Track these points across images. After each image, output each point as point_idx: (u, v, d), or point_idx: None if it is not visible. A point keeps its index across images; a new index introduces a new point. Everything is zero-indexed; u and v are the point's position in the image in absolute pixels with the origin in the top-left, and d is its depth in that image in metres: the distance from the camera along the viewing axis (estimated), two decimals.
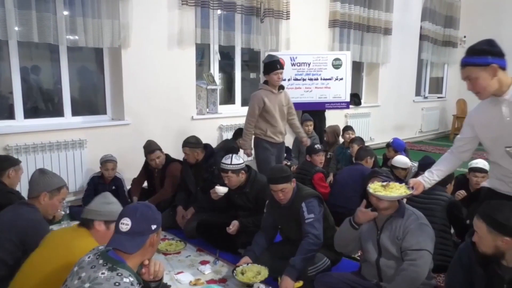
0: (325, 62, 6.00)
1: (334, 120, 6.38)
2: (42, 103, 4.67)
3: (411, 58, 8.62)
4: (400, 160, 4.19)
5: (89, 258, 1.61)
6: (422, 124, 9.29)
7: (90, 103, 5.00)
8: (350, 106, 6.76)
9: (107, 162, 4.17)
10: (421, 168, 3.38)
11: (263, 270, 2.75)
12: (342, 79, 6.08)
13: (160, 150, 4.18)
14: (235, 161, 3.22)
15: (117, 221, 1.66)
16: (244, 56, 6.11)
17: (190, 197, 3.90)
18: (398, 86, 8.35)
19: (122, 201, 4.04)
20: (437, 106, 9.69)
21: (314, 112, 5.84)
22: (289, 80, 5.80)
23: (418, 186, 2.29)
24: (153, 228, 1.67)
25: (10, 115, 4.20)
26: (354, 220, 2.36)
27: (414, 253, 2.18)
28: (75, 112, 4.58)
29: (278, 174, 2.76)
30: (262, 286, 2.63)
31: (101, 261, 1.57)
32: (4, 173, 3.04)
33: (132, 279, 1.55)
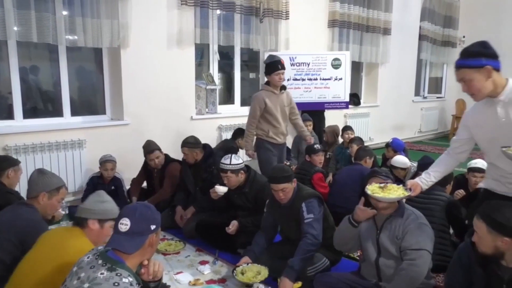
0: (324, 62, 6.00)
1: (334, 120, 6.38)
2: (41, 103, 4.67)
3: (410, 58, 8.63)
4: (399, 160, 4.19)
5: (88, 258, 1.61)
6: (421, 124, 9.30)
7: (90, 103, 5.00)
8: (350, 106, 6.75)
9: (106, 162, 4.17)
10: (420, 168, 3.38)
11: (263, 270, 2.75)
12: (341, 79, 6.08)
13: (159, 150, 4.18)
14: (234, 161, 3.22)
15: (116, 221, 1.66)
16: (243, 56, 6.11)
17: (189, 197, 3.90)
18: (397, 86, 8.36)
19: (121, 201, 4.07)
20: (436, 106, 9.71)
21: (314, 112, 5.85)
22: (288, 80, 5.79)
23: (415, 188, 2.30)
24: (152, 228, 1.67)
25: (9, 115, 4.20)
26: (353, 217, 2.37)
27: (414, 252, 2.19)
28: (74, 112, 4.58)
29: (280, 174, 2.76)
30: (262, 286, 2.63)
31: (100, 261, 1.57)
32: (3, 173, 3.04)
33: (131, 279, 1.55)
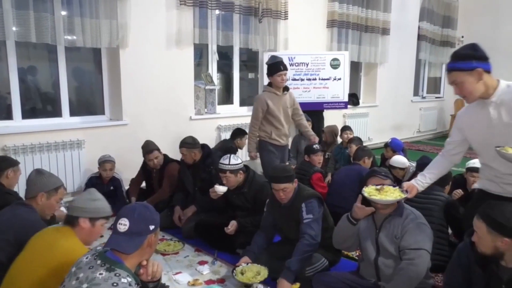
0: (323, 62, 6.01)
1: (332, 120, 6.38)
2: (40, 104, 4.66)
3: (409, 58, 8.64)
4: (398, 160, 4.19)
5: (87, 258, 1.61)
6: (420, 124, 9.31)
7: (88, 103, 4.99)
8: (348, 106, 6.75)
9: (105, 162, 4.17)
10: (419, 168, 3.38)
11: (263, 270, 2.75)
12: (340, 79, 6.08)
13: (158, 150, 4.18)
14: (233, 161, 3.22)
15: (115, 221, 1.66)
16: (242, 56, 6.11)
17: (188, 197, 3.90)
18: (396, 86, 8.37)
19: (120, 201, 4.09)
20: (435, 106, 9.71)
21: (312, 112, 5.84)
22: (287, 80, 5.79)
23: (411, 190, 2.31)
24: (151, 228, 1.67)
25: (8, 116, 4.19)
26: (351, 215, 2.37)
27: (413, 252, 2.19)
28: (73, 112, 4.57)
29: (281, 174, 2.77)
30: (261, 287, 2.63)
31: (99, 261, 1.57)
32: (2, 173, 3.03)
33: (130, 280, 1.55)
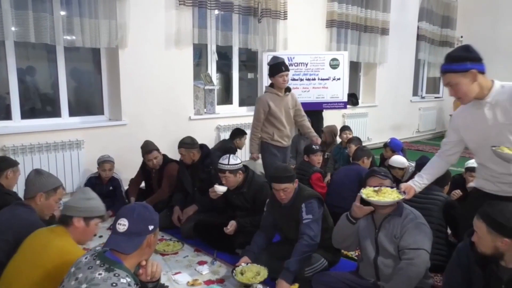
0: (322, 62, 6.01)
1: (332, 120, 6.38)
2: (39, 104, 4.65)
3: (409, 58, 8.64)
4: (397, 160, 4.19)
5: (86, 259, 1.61)
6: (419, 124, 9.31)
7: (87, 104, 4.99)
8: (348, 106, 6.75)
9: (105, 162, 4.16)
10: (418, 168, 3.39)
11: (263, 270, 2.75)
12: (339, 79, 6.08)
13: (157, 150, 4.17)
14: (233, 161, 3.22)
15: (114, 221, 1.66)
16: (241, 56, 6.11)
17: (187, 197, 3.90)
18: (395, 86, 8.37)
19: (120, 201, 4.08)
20: (434, 106, 9.72)
21: (312, 112, 5.82)
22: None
23: (409, 191, 2.31)
24: (150, 228, 1.67)
25: (7, 116, 4.18)
26: (351, 214, 2.37)
27: (412, 252, 2.19)
28: (72, 112, 4.57)
29: (282, 174, 2.77)
30: (260, 287, 2.63)
31: (98, 261, 1.57)
32: (2, 174, 3.02)
33: (129, 280, 1.55)
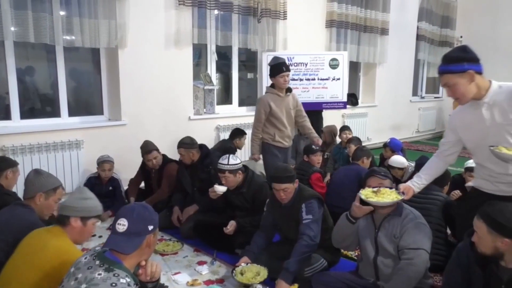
0: (322, 62, 6.00)
1: (331, 120, 6.37)
2: (38, 104, 4.65)
3: (408, 58, 8.64)
4: (396, 160, 4.19)
5: (85, 259, 1.61)
6: (419, 124, 9.31)
7: (87, 104, 4.98)
8: (347, 106, 6.75)
9: (104, 162, 4.16)
10: (418, 168, 3.39)
11: (263, 270, 2.74)
12: (339, 79, 6.08)
13: (157, 150, 4.17)
14: (232, 161, 3.22)
15: (114, 221, 1.66)
16: (241, 56, 6.11)
17: (187, 197, 3.90)
18: (395, 86, 8.37)
19: (119, 201, 4.08)
20: (433, 106, 9.72)
21: (311, 112, 5.81)
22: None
23: (408, 191, 2.32)
24: (149, 228, 1.66)
25: (7, 116, 4.18)
26: (350, 214, 2.37)
27: (411, 252, 2.20)
28: (72, 112, 4.57)
29: (282, 174, 2.77)
30: (260, 287, 2.63)
31: (97, 262, 1.56)
32: (1, 174, 3.01)
33: (129, 280, 1.54)
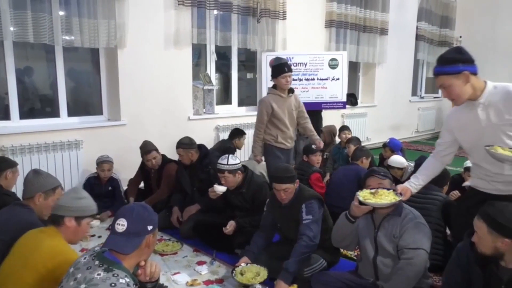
0: (321, 62, 6.01)
1: (331, 120, 6.38)
2: (38, 104, 4.65)
3: (408, 58, 8.65)
4: (396, 160, 4.19)
5: (85, 259, 1.61)
6: (419, 124, 9.32)
7: (86, 104, 4.98)
8: (347, 106, 6.75)
9: (103, 163, 4.16)
10: (417, 168, 3.38)
11: (262, 271, 2.74)
12: (338, 79, 6.08)
13: (156, 150, 4.17)
14: (232, 161, 3.22)
15: (113, 221, 1.66)
16: (240, 56, 6.11)
17: (186, 198, 3.89)
18: (394, 86, 8.37)
19: (119, 202, 4.08)
20: (433, 106, 9.72)
21: (311, 112, 5.78)
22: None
23: (405, 192, 2.33)
24: (149, 229, 1.66)
25: (6, 116, 4.17)
26: (349, 213, 2.37)
27: (411, 251, 2.20)
28: (71, 112, 4.56)
29: (283, 174, 2.76)
30: (259, 287, 2.63)
31: (97, 262, 1.56)
32: (1, 174, 3.01)
33: (128, 280, 1.54)
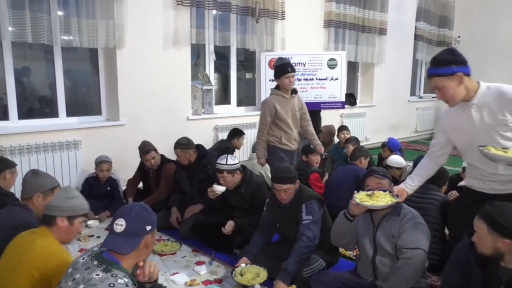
0: (320, 62, 6.01)
1: (330, 120, 6.39)
2: (36, 104, 4.64)
3: (406, 58, 8.66)
4: (394, 159, 4.20)
5: (83, 259, 1.60)
6: (417, 123, 9.33)
7: (85, 104, 4.97)
8: (346, 106, 6.76)
9: (102, 163, 4.15)
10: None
11: (262, 272, 2.74)
12: (337, 79, 6.09)
13: (155, 150, 4.17)
14: (230, 161, 3.22)
15: (112, 222, 1.65)
16: (239, 56, 6.10)
17: (185, 198, 3.89)
18: (393, 86, 8.38)
19: (117, 202, 4.08)
20: (432, 106, 9.73)
21: (310, 112, 5.80)
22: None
23: (402, 193, 2.34)
24: (148, 229, 1.66)
25: (4, 116, 4.17)
26: (348, 212, 2.38)
27: (409, 251, 2.20)
28: (70, 112, 4.56)
29: (284, 174, 2.76)
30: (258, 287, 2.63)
31: (95, 262, 1.56)
32: (0, 174, 3.02)
33: (127, 280, 1.54)
